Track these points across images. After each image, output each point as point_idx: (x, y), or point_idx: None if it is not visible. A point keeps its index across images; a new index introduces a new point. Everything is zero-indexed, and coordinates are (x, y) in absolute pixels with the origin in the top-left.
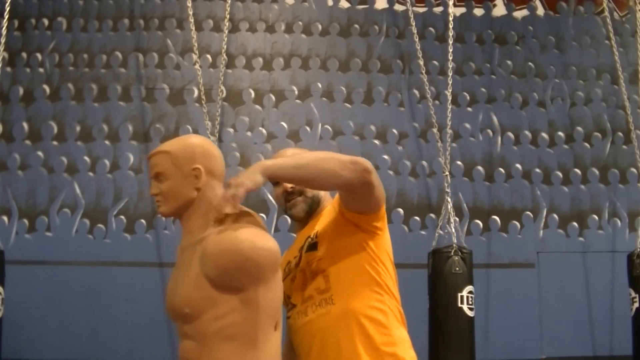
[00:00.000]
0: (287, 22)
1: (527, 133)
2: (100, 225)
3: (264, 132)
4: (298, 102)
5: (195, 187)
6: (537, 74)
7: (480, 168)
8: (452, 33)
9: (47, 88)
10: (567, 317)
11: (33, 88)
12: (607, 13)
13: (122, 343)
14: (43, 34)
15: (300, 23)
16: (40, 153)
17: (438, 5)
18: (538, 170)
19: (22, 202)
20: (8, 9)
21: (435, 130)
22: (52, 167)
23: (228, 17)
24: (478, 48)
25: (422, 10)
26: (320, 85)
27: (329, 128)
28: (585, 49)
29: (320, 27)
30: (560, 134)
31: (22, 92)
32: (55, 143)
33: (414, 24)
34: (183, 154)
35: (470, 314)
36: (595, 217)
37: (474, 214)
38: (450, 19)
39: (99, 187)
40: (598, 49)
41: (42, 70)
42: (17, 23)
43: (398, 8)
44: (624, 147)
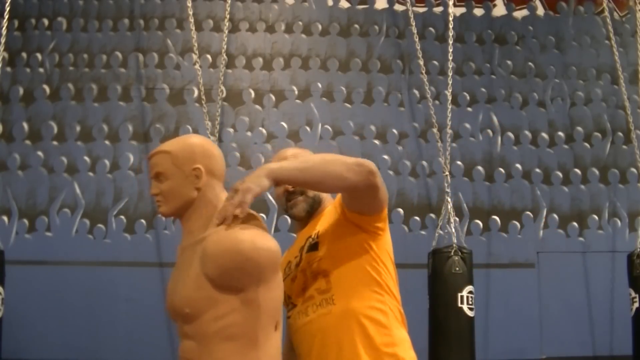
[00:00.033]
0: (287, 22)
1: (527, 133)
2: (100, 225)
3: (264, 132)
4: (298, 102)
5: (196, 187)
6: (537, 74)
7: (480, 168)
8: (452, 33)
9: (47, 88)
10: (567, 317)
11: (33, 88)
12: (607, 13)
13: (122, 343)
14: (43, 34)
15: (300, 23)
16: (40, 153)
17: (438, 5)
18: (538, 170)
19: (22, 202)
20: (8, 9)
21: (435, 130)
22: (52, 167)
23: (228, 17)
24: (478, 48)
25: (422, 10)
26: (320, 85)
27: (329, 128)
28: (585, 49)
29: (320, 27)
30: (560, 134)
31: (22, 92)
32: (55, 143)
33: (414, 24)
34: (183, 154)
35: (470, 314)
36: (595, 217)
37: (474, 214)
38: (450, 19)
39: (99, 187)
40: (598, 49)
41: (42, 70)
42: (17, 23)
43: (398, 8)
44: (624, 147)
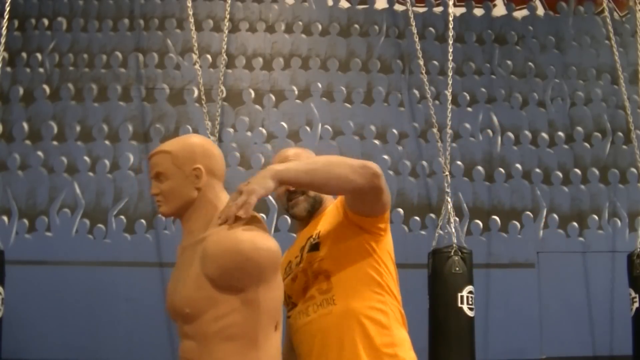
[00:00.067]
0: (287, 22)
1: (527, 133)
2: (100, 225)
3: (264, 132)
4: (298, 102)
5: (196, 187)
6: (537, 74)
7: (480, 168)
8: (452, 33)
9: (47, 88)
10: (567, 317)
11: (33, 88)
12: (607, 13)
13: (122, 343)
14: (43, 34)
15: (300, 23)
16: (40, 153)
17: (438, 5)
18: (538, 170)
19: (22, 202)
20: (8, 9)
21: (435, 130)
22: (52, 167)
23: (228, 17)
24: (478, 48)
25: (422, 10)
26: (320, 85)
27: (329, 128)
28: (585, 49)
29: (320, 27)
30: (560, 134)
31: (22, 92)
32: (55, 143)
33: (414, 24)
34: (183, 154)
35: (470, 314)
36: (595, 217)
37: (474, 214)
38: (450, 19)
39: (99, 187)
40: (598, 49)
41: (42, 70)
42: (17, 23)
43: (398, 8)
44: (624, 147)
